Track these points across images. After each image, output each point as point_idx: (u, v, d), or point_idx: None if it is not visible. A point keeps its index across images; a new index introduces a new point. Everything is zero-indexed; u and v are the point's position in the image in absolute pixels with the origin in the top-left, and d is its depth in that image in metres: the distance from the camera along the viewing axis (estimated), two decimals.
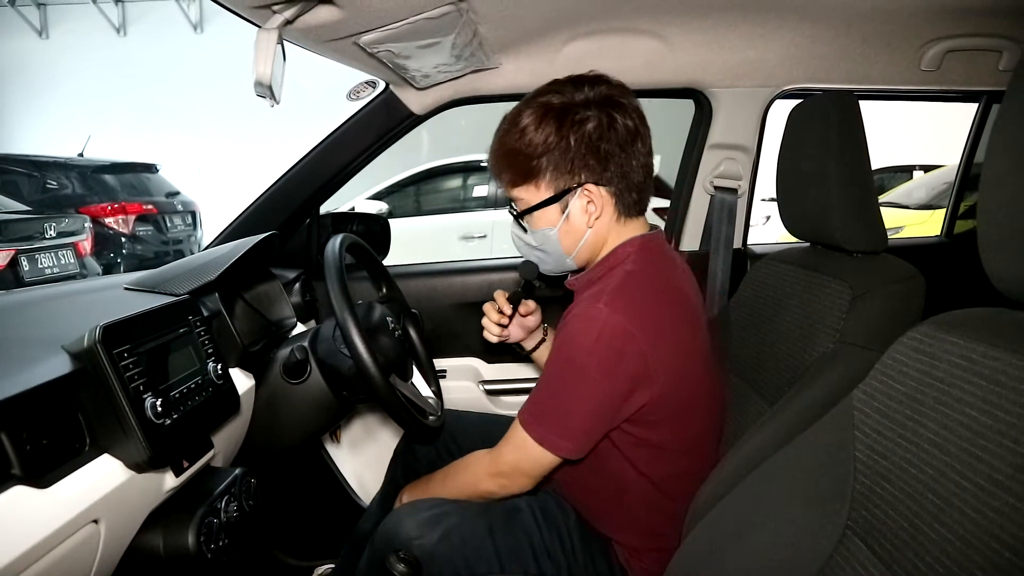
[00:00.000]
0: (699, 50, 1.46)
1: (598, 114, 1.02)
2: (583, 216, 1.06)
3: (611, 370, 0.97)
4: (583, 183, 1.04)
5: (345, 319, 1.10)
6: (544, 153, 1.03)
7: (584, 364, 0.97)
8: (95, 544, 0.77)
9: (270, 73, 0.81)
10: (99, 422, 0.80)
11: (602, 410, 1.00)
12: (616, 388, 0.98)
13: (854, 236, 1.15)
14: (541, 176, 1.05)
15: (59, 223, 4.49)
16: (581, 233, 1.08)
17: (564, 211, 1.06)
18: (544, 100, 1.05)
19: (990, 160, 0.62)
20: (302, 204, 1.61)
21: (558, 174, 1.04)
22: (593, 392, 0.98)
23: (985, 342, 0.62)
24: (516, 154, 1.05)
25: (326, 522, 1.72)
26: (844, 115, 1.13)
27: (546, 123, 1.02)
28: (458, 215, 5.81)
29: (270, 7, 0.85)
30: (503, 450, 1.08)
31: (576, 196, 1.05)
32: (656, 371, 0.98)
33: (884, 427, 0.70)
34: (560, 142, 1.02)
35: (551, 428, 1.01)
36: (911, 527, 0.64)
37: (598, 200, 1.05)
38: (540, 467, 1.05)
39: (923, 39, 1.44)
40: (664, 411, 1.02)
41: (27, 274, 4.12)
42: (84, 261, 4.69)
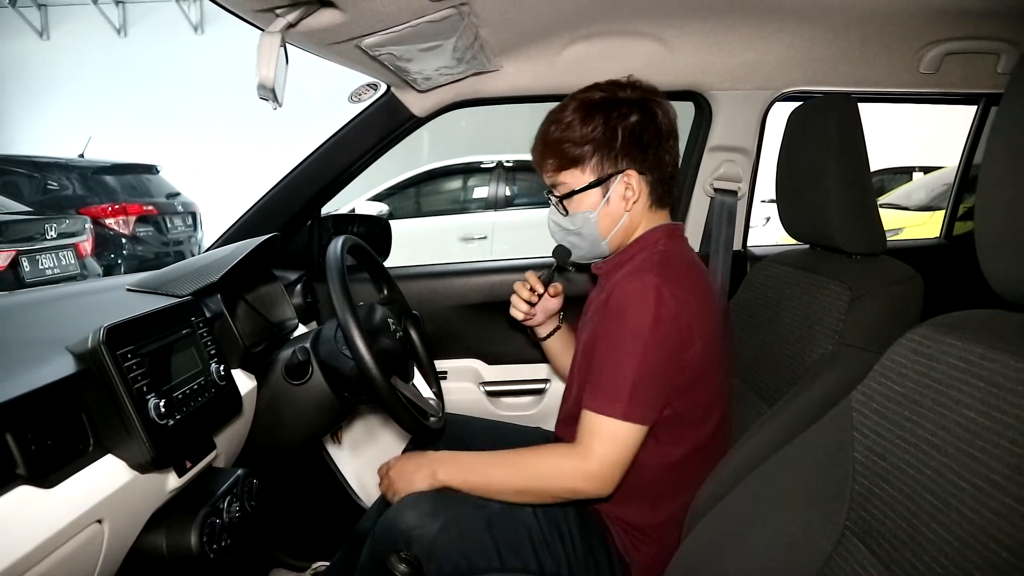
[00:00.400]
0: (699, 53, 1.47)
1: (640, 109, 1.12)
2: (621, 202, 1.15)
3: (669, 335, 1.04)
4: (624, 169, 1.13)
5: (347, 320, 1.10)
6: (591, 141, 1.12)
7: (646, 332, 1.03)
8: (99, 544, 0.78)
9: (273, 76, 0.81)
10: (103, 423, 0.80)
11: (665, 375, 1.05)
12: (673, 352, 1.05)
13: (853, 238, 1.16)
14: (586, 162, 1.14)
15: (60, 224, 4.49)
16: (619, 217, 1.16)
17: (605, 195, 1.15)
18: (587, 96, 1.15)
19: (988, 163, 0.62)
20: (304, 206, 1.61)
21: (602, 161, 1.13)
22: (658, 358, 1.04)
23: (983, 344, 0.62)
24: (563, 142, 1.14)
25: (327, 523, 1.72)
26: (843, 118, 1.14)
27: (593, 115, 1.12)
28: (458, 216, 5.82)
29: (273, 11, 0.85)
30: (594, 449, 1.05)
31: (617, 181, 1.14)
32: (695, 336, 1.06)
33: (883, 428, 0.71)
34: (606, 132, 1.12)
35: (633, 402, 1.03)
36: (909, 527, 0.64)
37: (636, 187, 1.14)
38: (632, 449, 1.05)
39: (922, 42, 1.45)
40: (692, 375, 1.08)
41: (28, 275, 4.12)
42: (85, 262, 4.70)
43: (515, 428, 1.49)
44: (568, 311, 1.47)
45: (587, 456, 1.05)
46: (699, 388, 1.11)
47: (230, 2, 0.86)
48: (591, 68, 1.50)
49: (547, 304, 1.39)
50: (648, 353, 1.03)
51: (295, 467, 1.67)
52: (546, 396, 1.83)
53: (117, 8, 10.31)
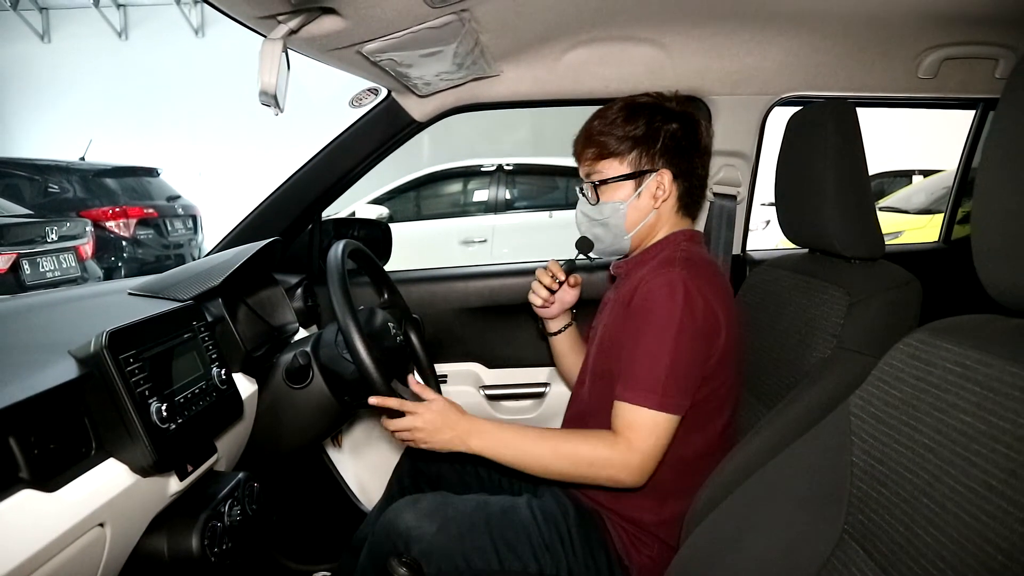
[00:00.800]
0: (698, 58, 1.48)
1: (682, 119, 1.20)
2: (651, 199, 1.20)
3: (699, 325, 1.07)
4: (659, 169, 1.19)
5: (347, 324, 1.11)
6: (632, 138, 1.18)
7: (677, 323, 1.06)
8: (101, 547, 0.78)
9: (275, 82, 0.82)
10: (105, 426, 0.81)
11: (695, 365, 1.08)
12: (702, 343, 1.09)
13: (851, 243, 1.16)
14: (625, 155, 1.19)
15: (60, 227, 4.50)
16: (646, 213, 1.21)
17: (637, 189, 1.19)
18: (634, 98, 1.21)
19: (984, 169, 0.62)
20: (304, 210, 1.62)
21: (640, 157, 1.19)
22: (690, 348, 1.07)
23: (979, 349, 0.63)
24: (606, 135, 1.19)
25: (327, 526, 1.73)
26: (842, 122, 1.14)
27: (638, 115, 1.18)
28: (459, 219, 5.83)
29: (275, 17, 0.86)
30: (634, 441, 1.06)
31: (651, 178, 1.19)
32: (721, 329, 1.10)
33: (880, 432, 0.71)
34: (648, 131, 1.18)
35: (669, 392, 1.05)
36: (907, 531, 0.64)
37: (667, 188, 1.20)
38: (668, 440, 1.07)
39: (920, 47, 1.45)
40: (714, 366, 1.11)
41: (29, 278, 4.13)
42: (85, 265, 4.71)
43: None
44: (579, 315, 1.48)
45: (628, 449, 1.06)
46: (718, 381, 1.13)
47: (233, 9, 0.87)
48: (591, 73, 1.50)
49: (564, 296, 1.39)
50: (680, 343, 1.06)
51: (296, 471, 1.67)
52: (546, 399, 1.83)
53: (118, 11, 10.34)
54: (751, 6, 1.31)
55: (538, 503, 1.19)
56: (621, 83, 1.54)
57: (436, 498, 1.16)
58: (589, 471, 1.08)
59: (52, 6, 10.41)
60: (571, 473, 1.10)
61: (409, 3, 0.93)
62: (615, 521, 1.17)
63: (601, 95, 1.57)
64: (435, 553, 1.08)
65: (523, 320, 1.83)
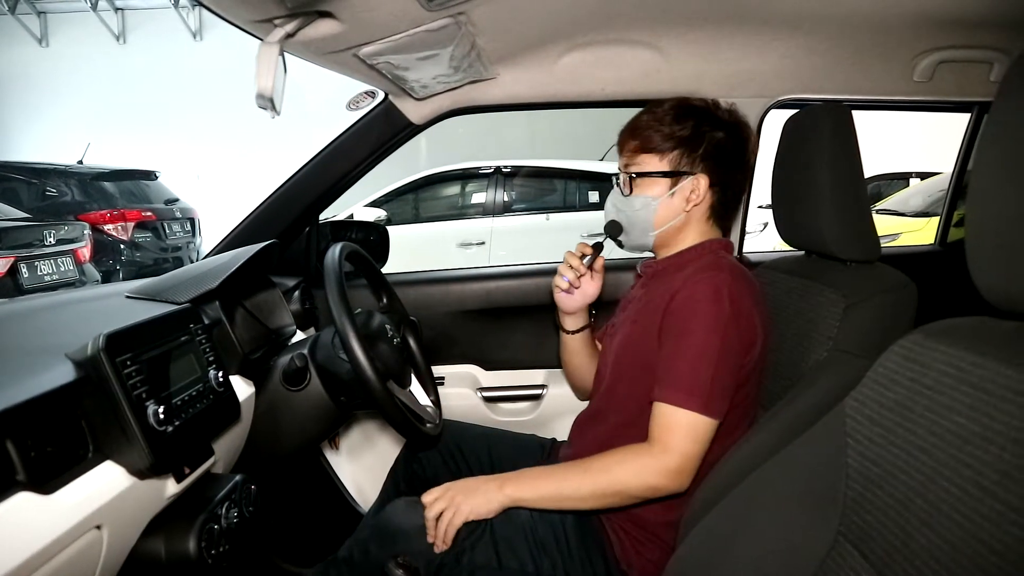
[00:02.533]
0: (695, 61, 1.48)
1: (730, 130, 1.20)
2: (683, 201, 1.20)
3: (742, 332, 1.09)
4: (697, 173, 1.18)
5: (344, 325, 1.11)
6: (678, 137, 1.18)
7: (723, 327, 1.07)
8: (98, 550, 0.78)
9: (271, 86, 0.82)
10: (102, 429, 0.81)
11: (736, 371, 1.09)
12: (742, 350, 1.09)
13: (847, 245, 1.16)
14: (666, 153, 1.19)
15: (58, 230, 4.49)
16: (676, 213, 1.21)
17: (671, 188, 1.19)
18: (688, 99, 1.22)
19: (977, 173, 0.63)
20: (302, 212, 1.62)
21: (681, 158, 1.19)
22: (732, 353, 1.08)
23: (973, 351, 0.63)
24: (651, 130, 1.19)
25: (324, 528, 1.72)
26: (837, 125, 1.15)
27: (687, 117, 1.19)
28: (456, 222, 5.83)
29: (271, 21, 0.86)
30: (672, 444, 1.05)
31: (687, 181, 1.19)
32: (758, 338, 1.11)
33: (875, 434, 0.71)
34: (693, 134, 1.18)
35: (713, 396, 1.05)
36: (901, 533, 0.65)
37: (702, 193, 1.19)
38: (708, 443, 1.07)
39: (915, 50, 1.46)
40: (747, 374, 1.12)
41: (27, 281, 4.12)
42: (83, 268, 4.70)
43: (510, 435, 1.49)
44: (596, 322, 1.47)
45: (666, 451, 1.05)
46: (744, 392, 1.14)
47: (229, 13, 0.87)
48: (588, 76, 1.51)
49: (587, 287, 1.36)
50: (725, 348, 1.06)
51: (293, 473, 1.67)
52: (543, 401, 1.83)
53: (116, 15, 10.33)
54: (747, 9, 1.32)
55: None
56: (617, 86, 1.54)
57: None
58: (630, 483, 1.07)
59: (50, 10, 10.41)
60: (612, 489, 1.08)
61: (405, 6, 0.94)
62: (614, 523, 1.17)
63: (597, 98, 1.57)
64: (432, 553, 1.08)
65: (520, 322, 1.83)
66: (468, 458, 1.42)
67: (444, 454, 1.42)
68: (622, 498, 1.09)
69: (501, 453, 1.43)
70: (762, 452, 0.99)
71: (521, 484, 1.11)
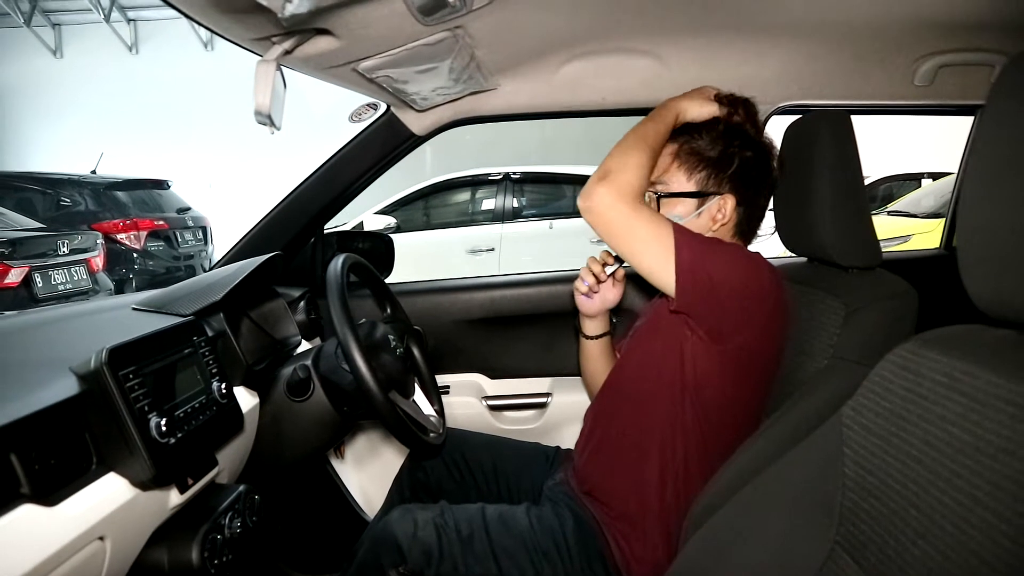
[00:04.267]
0: (694, 69, 1.48)
1: (759, 149, 1.20)
2: (710, 221, 1.19)
3: (758, 268, 1.09)
4: (724, 193, 1.18)
5: (346, 336, 1.12)
6: (706, 155, 1.18)
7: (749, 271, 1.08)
8: (101, 561, 0.79)
9: (269, 103, 0.83)
10: (105, 441, 0.82)
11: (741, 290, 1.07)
12: (756, 285, 1.08)
13: (848, 252, 1.16)
14: (695, 172, 1.18)
15: (72, 240, 4.54)
16: (703, 232, 1.18)
17: (698, 208, 1.19)
18: (717, 117, 1.21)
19: (967, 178, 0.63)
20: (306, 224, 1.64)
21: (708, 177, 1.18)
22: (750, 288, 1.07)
23: (965, 360, 0.63)
24: (683, 144, 1.19)
25: (332, 536, 1.73)
26: (836, 131, 1.15)
27: (718, 136, 1.18)
28: (466, 229, 5.85)
29: (269, 39, 0.88)
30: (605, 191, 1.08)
31: (714, 201, 1.18)
32: (772, 293, 1.09)
33: (871, 443, 0.71)
34: (722, 155, 1.18)
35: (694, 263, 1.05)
36: (896, 543, 0.64)
37: (728, 213, 1.18)
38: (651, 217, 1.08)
39: (915, 54, 1.45)
40: (743, 363, 1.11)
41: (41, 291, 4.17)
42: (96, 277, 4.75)
43: (514, 443, 1.50)
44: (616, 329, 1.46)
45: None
46: (755, 397, 1.15)
47: (228, 31, 0.89)
48: (588, 85, 1.51)
49: (607, 293, 1.34)
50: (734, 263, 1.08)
51: (300, 482, 1.68)
52: (548, 410, 1.84)
53: (129, 26, 10.47)
54: (746, 17, 1.32)
55: (536, 511, 1.20)
56: (618, 95, 1.55)
57: (434, 507, 1.18)
58: None
59: (64, 22, 10.56)
60: None
61: (402, 22, 0.95)
62: (615, 529, 1.17)
63: (598, 107, 1.58)
64: (433, 561, 1.09)
65: (525, 331, 1.83)
66: (472, 466, 1.43)
67: (448, 462, 1.43)
68: None
69: (505, 461, 1.43)
70: (761, 460, 0.99)
71: None
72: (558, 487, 1.30)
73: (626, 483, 1.18)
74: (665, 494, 1.14)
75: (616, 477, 1.20)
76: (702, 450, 1.13)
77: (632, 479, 1.17)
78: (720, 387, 1.12)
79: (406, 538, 1.11)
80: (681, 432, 1.14)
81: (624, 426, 1.21)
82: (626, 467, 1.18)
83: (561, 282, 1.80)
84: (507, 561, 1.11)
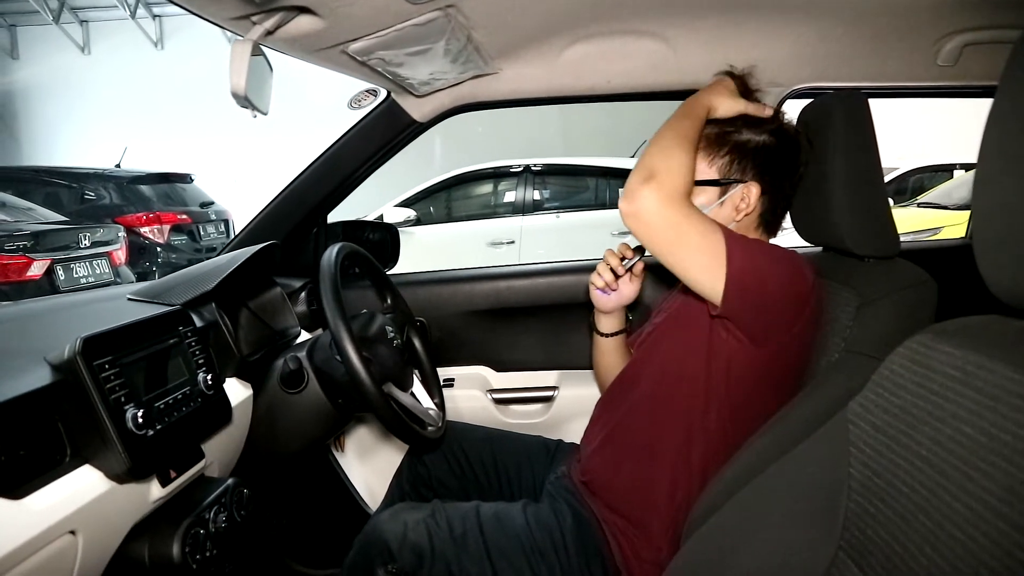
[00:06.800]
0: (703, 51, 1.42)
1: (783, 136, 1.15)
2: (733, 210, 1.15)
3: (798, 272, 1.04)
4: (747, 181, 1.14)
5: (337, 327, 1.10)
6: (730, 143, 1.14)
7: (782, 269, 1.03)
8: (72, 555, 0.78)
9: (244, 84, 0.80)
10: (80, 433, 0.80)
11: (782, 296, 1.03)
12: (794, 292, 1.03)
13: (863, 240, 1.11)
14: (717, 158, 1.14)
15: (93, 233, 4.60)
16: (728, 222, 1.15)
17: (720, 197, 1.14)
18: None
19: (982, 160, 0.58)
20: (308, 214, 1.61)
21: (731, 164, 1.14)
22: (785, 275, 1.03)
23: (981, 352, 0.58)
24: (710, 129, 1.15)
25: (335, 530, 1.72)
26: (851, 114, 1.09)
27: (739, 122, 1.15)
28: (486, 221, 5.83)
29: (248, 18, 0.85)
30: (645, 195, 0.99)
31: (737, 189, 1.14)
32: (809, 297, 1.04)
33: (878, 442, 0.66)
34: (747, 142, 1.14)
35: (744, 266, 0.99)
36: (902, 550, 0.60)
37: (752, 202, 1.14)
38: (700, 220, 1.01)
39: (939, 33, 1.38)
40: (779, 365, 1.07)
41: (63, 283, 4.23)
42: (118, 270, 4.80)
43: (514, 436, 1.46)
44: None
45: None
46: (795, 373, 1.10)
47: (206, 11, 0.86)
48: (593, 69, 1.46)
49: (624, 289, 1.30)
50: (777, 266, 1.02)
51: (300, 474, 1.67)
52: (555, 404, 1.80)
53: (154, 22, 10.61)
54: None
55: (534, 509, 1.17)
56: (624, 78, 1.49)
57: (425, 507, 1.15)
58: None
59: (92, 19, 10.74)
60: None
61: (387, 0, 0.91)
62: (614, 528, 1.14)
63: (603, 91, 1.53)
64: (426, 560, 1.07)
65: (531, 323, 1.80)
66: (472, 460, 1.40)
67: (448, 456, 1.41)
68: None
69: (506, 455, 1.40)
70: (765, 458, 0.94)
71: None
72: (559, 481, 1.26)
73: (633, 481, 1.14)
74: (676, 494, 1.11)
75: (623, 474, 1.16)
76: (724, 453, 1.08)
77: (640, 477, 1.13)
78: (753, 388, 1.08)
79: (396, 539, 1.08)
80: (701, 432, 1.10)
81: (637, 422, 1.17)
82: (635, 464, 1.15)
83: (569, 272, 1.76)
84: (502, 561, 1.08)
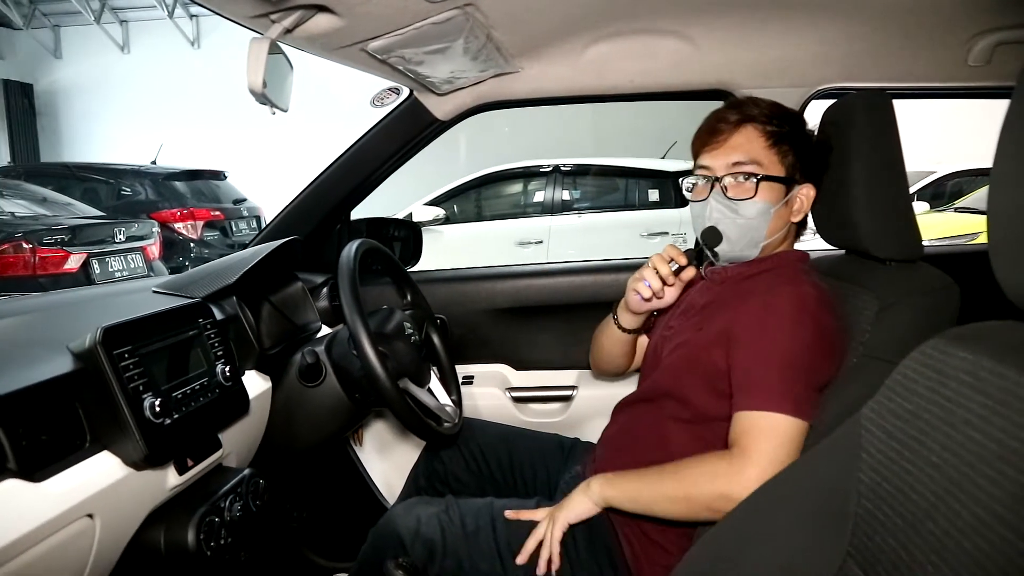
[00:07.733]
0: (726, 50, 1.41)
1: (824, 141, 1.15)
2: (790, 211, 1.14)
3: (829, 341, 1.03)
4: (807, 183, 1.14)
5: (354, 322, 1.11)
6: (794, 140, 1.12)
7: (811, 333, 1.01)
8: (90, 538, 0.80)
9: (261, 81, 0.82)
10: (99, 420, 0.83)
11: (819, 381, 1.02)
12: (826, 361, 1.02)
13: (885, 243, 1.09)
14: (786, 156, 1.11)
15: (128, 228, 4.71)
16: (785, 223, 1.15)
17: (785, 196, 1.12)
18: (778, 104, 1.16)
19: (998, 162, 0.56)
20: (331, 210, 1.63)
21: (796, 164, 1.12)
22: (817, 363, 1.01)
23: (994, 357, 0.56)
24: (778, 125, 1.11)
25: (354, 524, 1.74)
26: (875, 115, 1.08)
27: (793, 120, 1.14)
28: (515, 221, 5.84)
29: (268, 16, 0.86)
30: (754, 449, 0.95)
31: (798, 189, 1.13)
32: (839, 353, 1.04)
33: (889, 448, 0.65)
34: (807, 142, 1.14)
35: (801, 397, 0.98)
36: (910, 558, 0.59)
37: (805, 206, 1.15)
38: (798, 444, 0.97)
39: (971, 31, 1.34)
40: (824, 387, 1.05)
41: (98, 277, 4.34)
42: (152, 265, 4.91)
43: (531, 434, 1.46)
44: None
45: (744, 455, 0.96)
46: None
47: (226, 9, 0.87)
48: (615, 68, 1.46)
49: (666, 295, 1.22)
50: (811, 359, 1.00)
51: (320, 468, 1.69)
52: (573, 403, 1.79)
53: (191, 21, 10.83)
54: None
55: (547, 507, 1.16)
56: (646, 77, 1.49)
57: (439, 502, 1.16)
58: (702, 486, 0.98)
59: (131, 19, 11.00)
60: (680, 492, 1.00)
61: None
62: (626, 528, 1.13)
63: (626, 90, 1.52)
64: (437, 554, 1.07)
65: (551, 322, 1.79)
66: (488, 457, 1.40)
67: (464, 452, 1.41)
68: (690, 504, 0.99)
69: (522, 452, 1.40)
70: None
71: (613, 485, 1.07)
72: (574, 480, 1.25)
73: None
74: None
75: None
76: None
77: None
78: None
79: (408, 533, 1.09)
80: (719, 439, 1.05)
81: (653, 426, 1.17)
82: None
83: (590, 272, 1.75)
84: (512, 558, 1.08)
